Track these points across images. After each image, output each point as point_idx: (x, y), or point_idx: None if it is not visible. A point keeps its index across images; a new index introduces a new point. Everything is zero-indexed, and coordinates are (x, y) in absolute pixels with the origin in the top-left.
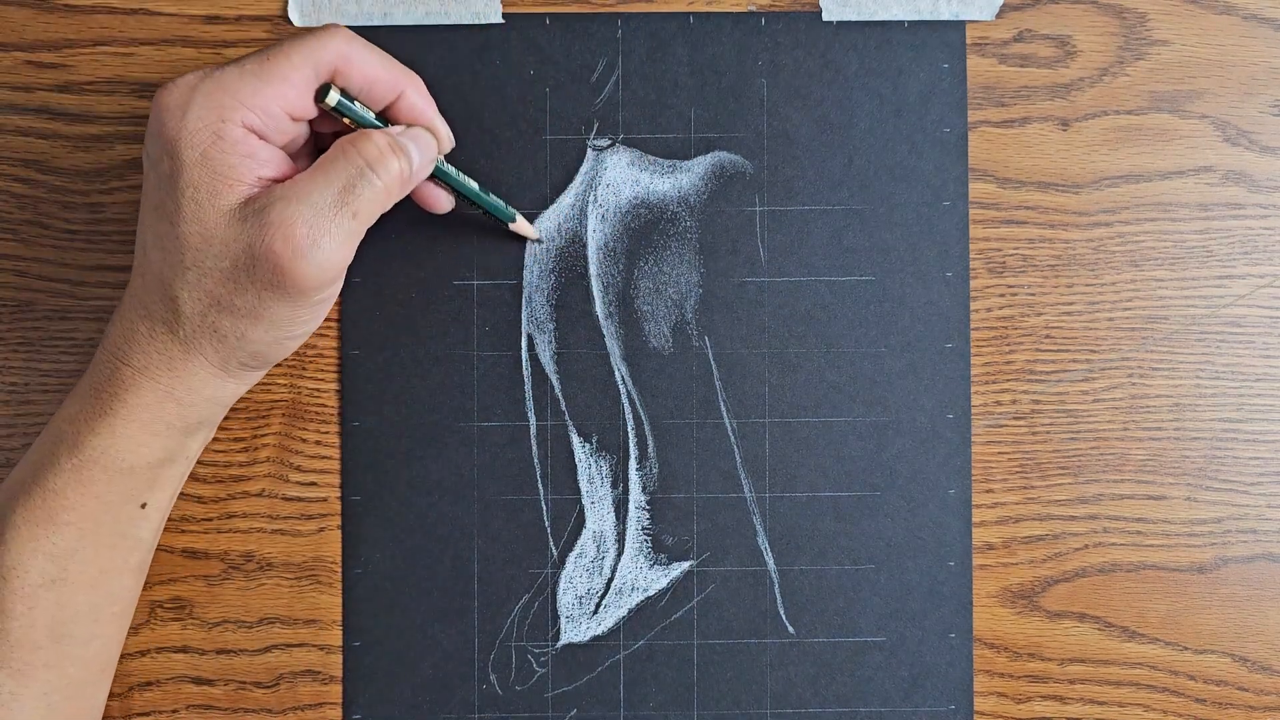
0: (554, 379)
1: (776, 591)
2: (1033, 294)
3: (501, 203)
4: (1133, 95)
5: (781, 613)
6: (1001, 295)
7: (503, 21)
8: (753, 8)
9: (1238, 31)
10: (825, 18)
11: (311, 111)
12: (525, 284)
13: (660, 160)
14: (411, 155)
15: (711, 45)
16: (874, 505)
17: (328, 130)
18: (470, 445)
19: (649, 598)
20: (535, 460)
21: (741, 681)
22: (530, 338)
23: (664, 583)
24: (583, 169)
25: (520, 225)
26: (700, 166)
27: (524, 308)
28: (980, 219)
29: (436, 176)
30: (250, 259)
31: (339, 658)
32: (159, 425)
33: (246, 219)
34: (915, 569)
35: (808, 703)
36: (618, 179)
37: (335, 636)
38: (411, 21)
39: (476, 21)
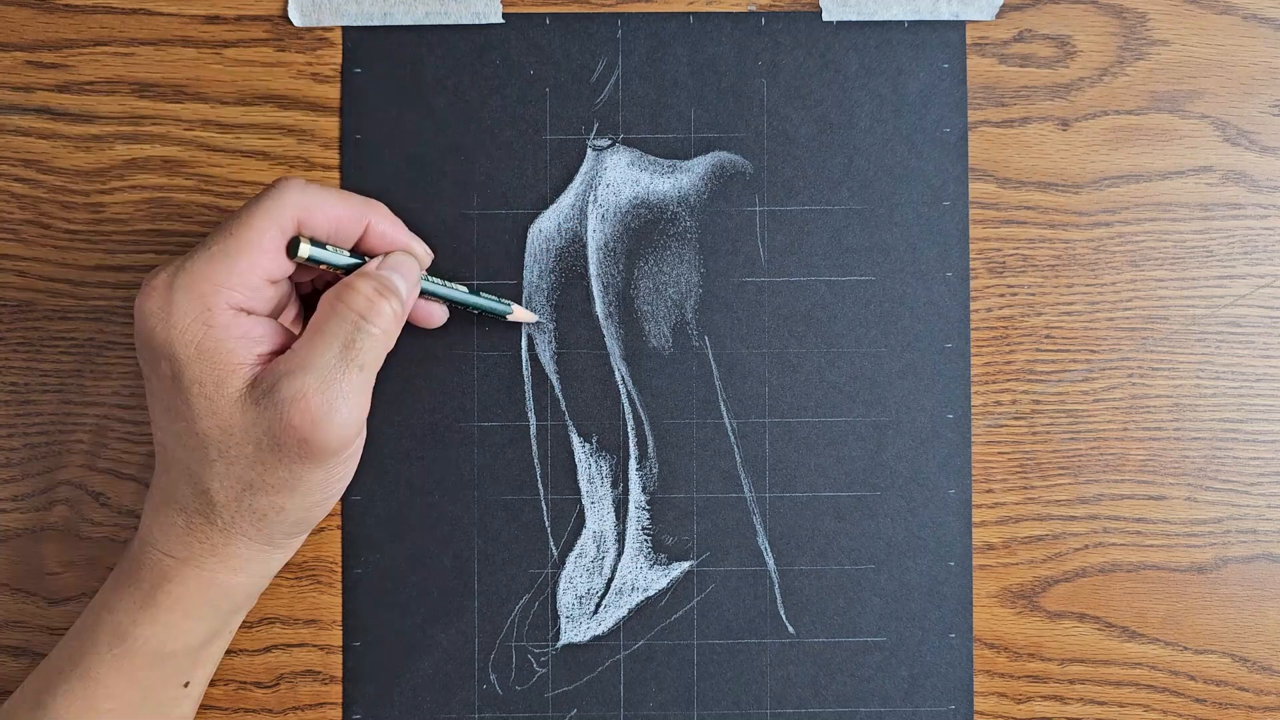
0: (554, 379)
1: (776, 591)
2: (1033, 294)
3: (494, 299)
4: (1133, 95)
5: (781, 613)
6: (1001, 295)
7: (503, 21)
8: (753, 8)
9: (1238, 31)
10: (825, 18)
11: (288, 269)
12: (525, 284)
13: (660, 160)
14: (399, 289)
15: (711, 45)
16: (874, 505)
17: (306, 278)
18: (470, 445)
19: (649, 598)
20: (535, 460)
21: (741, 681)
22: (530, 338)
23: (664, 583)
24: (583, 169)
25: (518, 313)
26: (700, 166)
27: (524, 308)
28: (980, 219)
29: (425, 293)
30: (272, 439)
31: (339, 658)
32: (205, 610)
33: (259, 401)
34: (915, 569)
35: (808, 703)
36: (618, 179)
37: (335, 636)
38: (411, 21)
39: (476, 21)
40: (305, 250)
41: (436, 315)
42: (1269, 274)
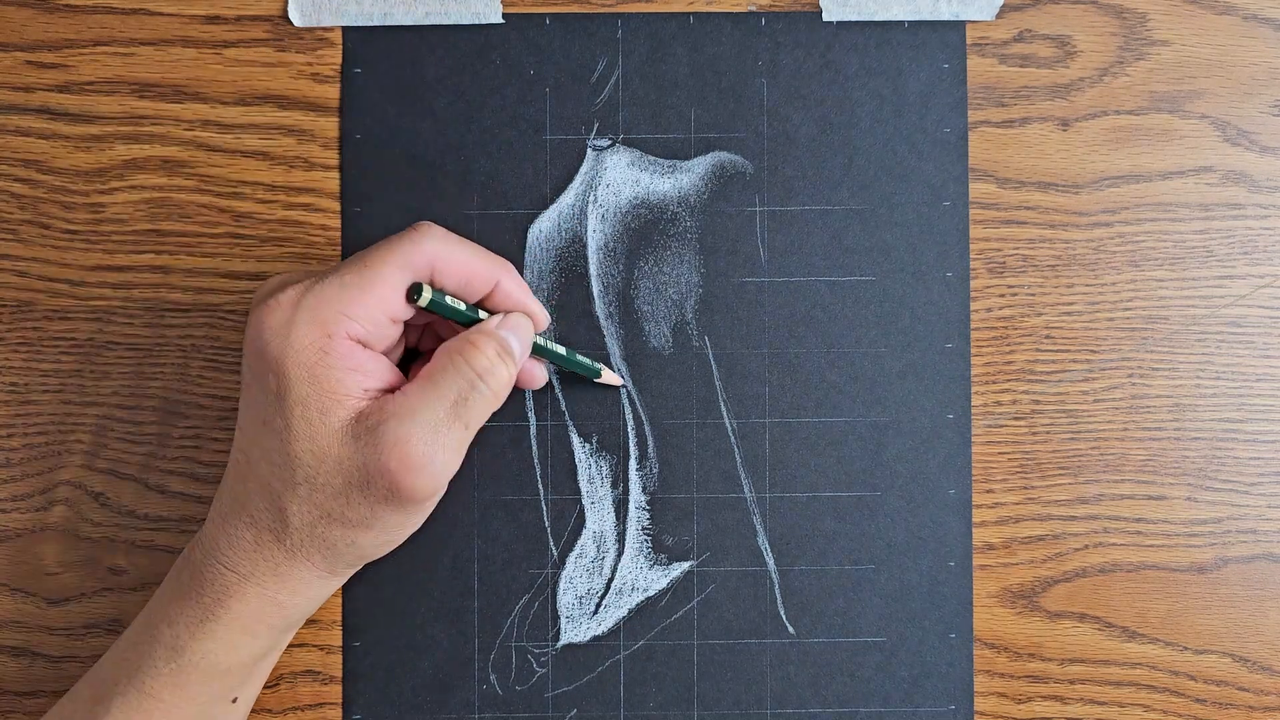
0: (554, 379)
1: (776, 592)
2: (1033, 294)
3: (588, 360)
4: (1133, 95)
5: (781, 613)
6: (1001, 295)
7: (503, 21)
8: (753, 8)
9: (1238, 31)
10: (825, 18)
11: (411, 312)
12: None
13: (660, 160)
14: (515, 352)
15: (711, 45)
16: (874, 505)
17: (418, 322)
18: (470, 445)
19: (649, 598)
20: (535, 460)
21: (741, 681)
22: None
23: (664, 583)
24: (583, 169)
25: (607, 376)
26: (700, 166)
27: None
28: (980, 219)
29: (533, 353)
30: (365, 477)
31: (339, 658)
32: (261, 628)
33: (359, 437)
34: (915, 569)
35: (808, 703)
36: (618, 179)
37: (335, 636)
38: (411, 21)
39: (476, 21)
40: (426, 297)
41: (538, 378)
42: (1269, 274)
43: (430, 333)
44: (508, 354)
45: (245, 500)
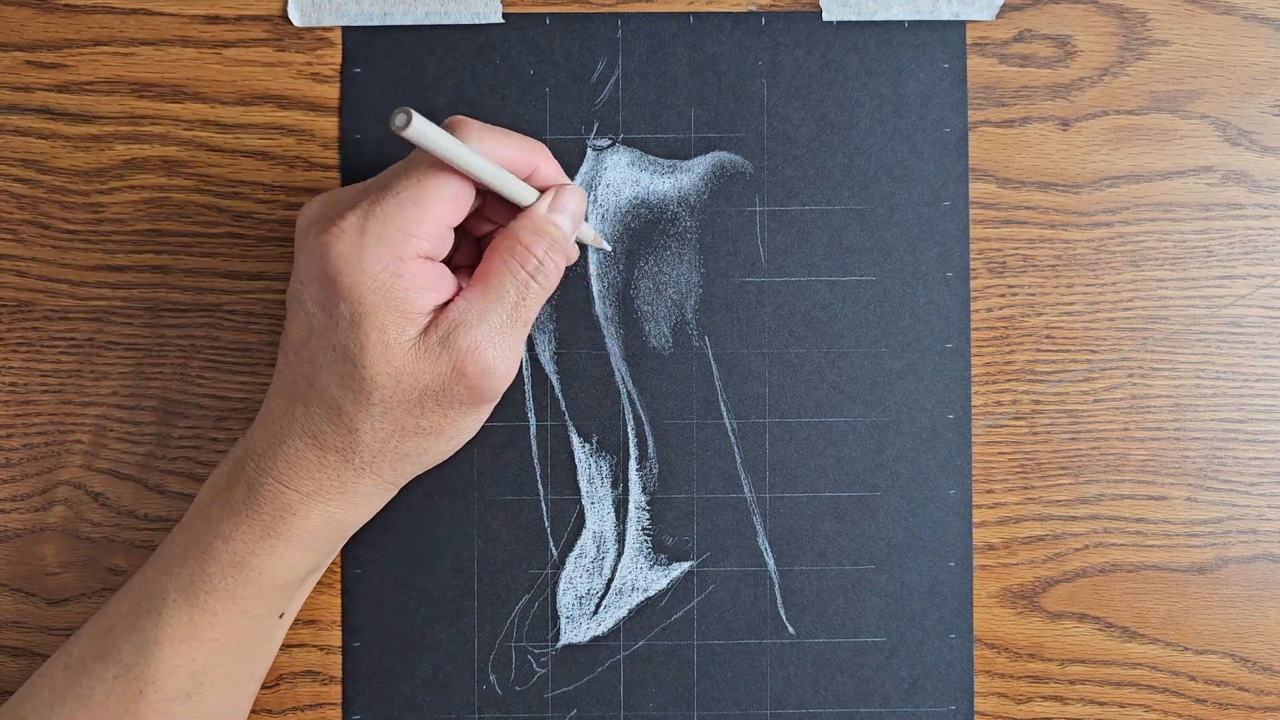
0: (554, 379)
1: (777, 592)
2: (1033, 294)
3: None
4: (1133, 95)
5: (782, 613)
6: (1002, 295)
7: (503, 21)
8: (753, 8)
9: (1238, 31)
10: (825, 18)
11: (466, 213)
12: None
13: (660, 160)
14: (566, 234)
15: (711, 45)
16: (874, 505)
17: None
18: (470, 445)
19: (649, 598)
20: (535, 460)
21: (741, 682)
22: (530, 338)
23: (664, 583)
24: (583, 169)
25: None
26: (700, 166)
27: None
28: (980, 219)
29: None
30: (441, 385)
31: (339, 658)
32: (320, 544)
33: (433, 349)
34: (915, 569)
35: (808, 703)
36: (618, 179)
37: (335, 637)
38: (411, 21)
39: (476, 21)
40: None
41: (573, 254)
42: (1269, 274)
43: (477, 215)
44: (556, 245)
45: (306, 421)
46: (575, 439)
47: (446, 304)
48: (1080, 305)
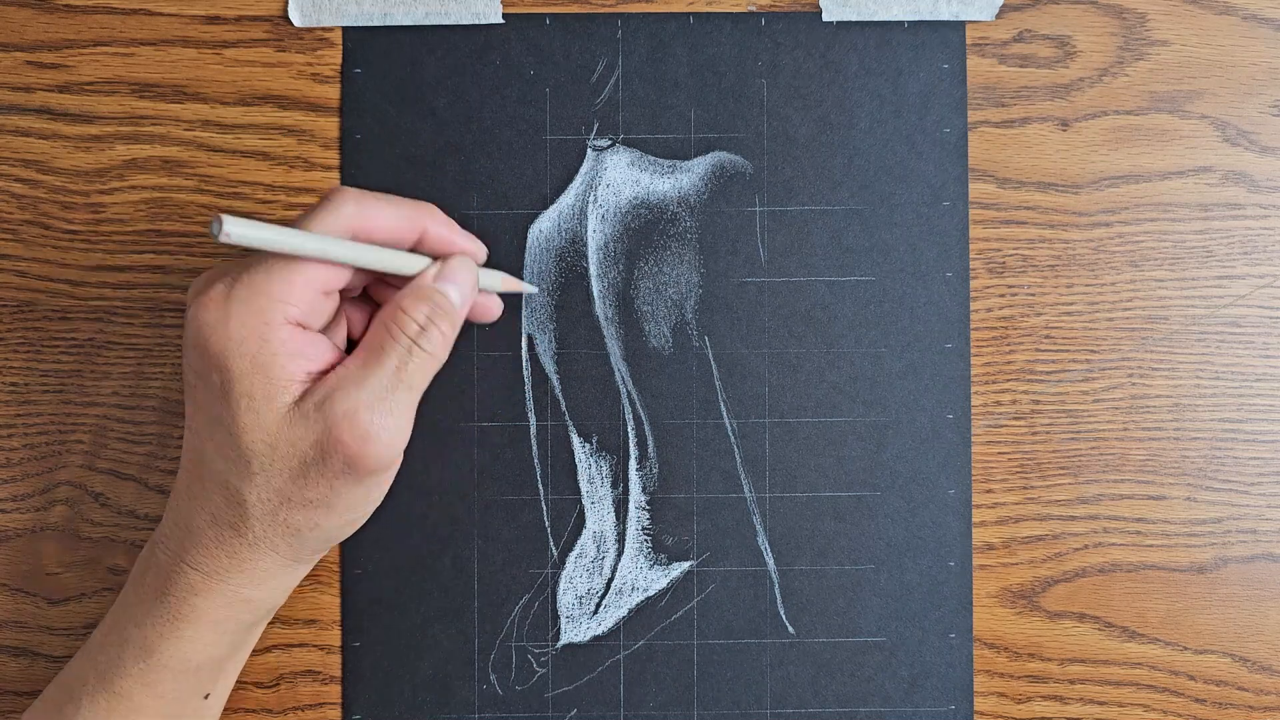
0: (554, 379)
1: (776, 591)
2: (1033, 294)
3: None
4: (1133, 95)
5: (781, 613)
6: (1001, 295)
7: (503, 21)
8: (753, 8)
9: (1238, 31)
10: (825, 18)
11: (342, 281)
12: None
13: (660, 160)
14: (453, 306)
15: (711, 45)
16: (874, 505)
17: (357, 284)
18: (470, 445)
19: (649, 598)
20: (535, 460)
21: (741, 681)
22: (530, 338)
23: (664, 583)
24: (583, 169)
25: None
26: (700, 166)
27: (524, 308)
28: (980, 219)
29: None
30: (319, 454)
31: (339, 658)
32: (229, 624)
33: (308, 416)
34: (915, 569)
35: (808, 703)
36: (618, 179)
37: (335, 636)
38: (411, 21)
39: (476, 21)
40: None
41: (493, 310)
42: (1269, 274)
43: (382, 284)
44: (442, 312)
45: (202, 497)
46: (575, 439)
47: (327, 373)
48: (1080, 305)
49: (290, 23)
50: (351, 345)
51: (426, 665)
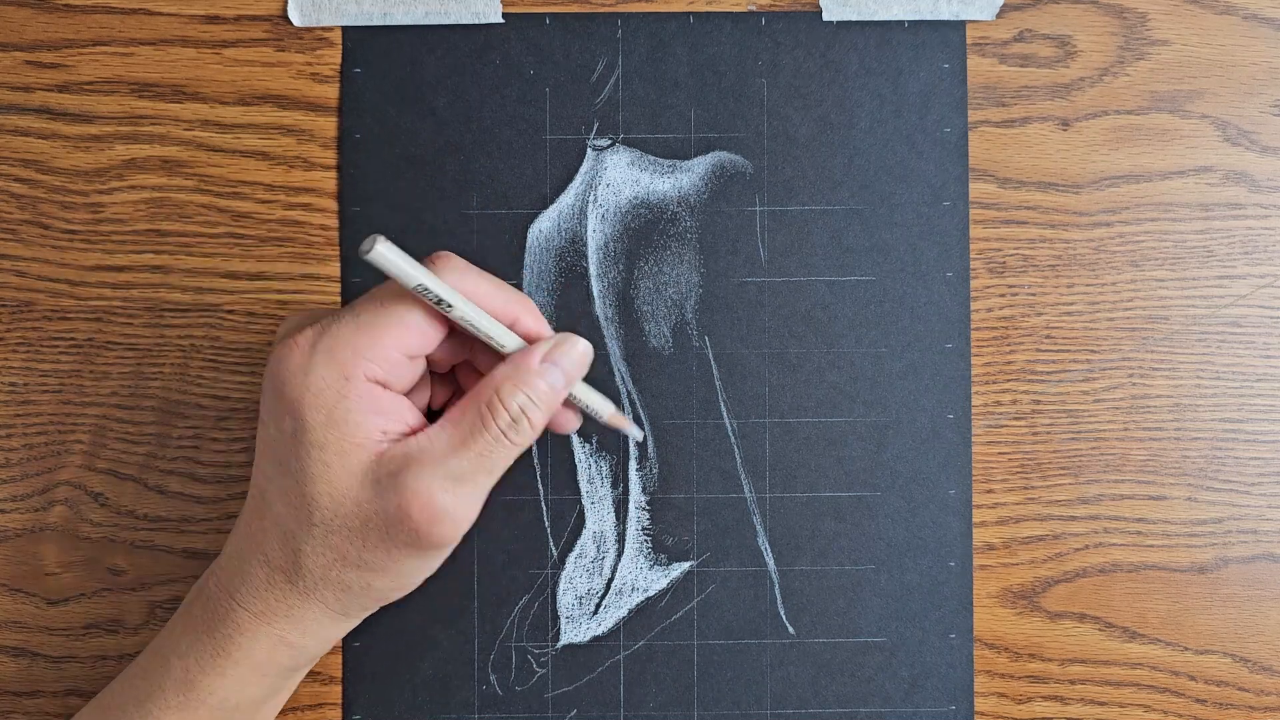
0: None
1: (776, 592)
2: (1033, 294)
3: (629, 422)
4: (1133, 95)
5: (781, 613)
6: (1002, 295)
7: (503, 21)
8: (753, 8)
9: (1238, 31)
10: (825, 18)
11: (430, 346)
12: (525, 284)
13: (660, 160)
14: (546, 401)
15: (711, 45)
16: (874, 505)
17: (445, 358)
18: None
19: (649, 598)
20: (535, 460)
21: (741, 682)
22: None
23: (664, 583)
24: (583, 169)
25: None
26: (700, 166)
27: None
28: (980, 219)
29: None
30: (384, 523)
31: (339, 658)
32: (271, 668)
33: (380, 482)
34: (916, 569)
35: (808, 703)
36: (618, 179)
37: None
38: (411, 21)
39: (476, 21)
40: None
41: (571, 424)
42: (1269, 274)
43: (467, 367)
44: (539, 400)
45: (260, 538)
46: (575, 439)
47: (405, 438)
48: (1080, 305)
49: (290, 22)
50: (433, 415)
51: (426, 665)
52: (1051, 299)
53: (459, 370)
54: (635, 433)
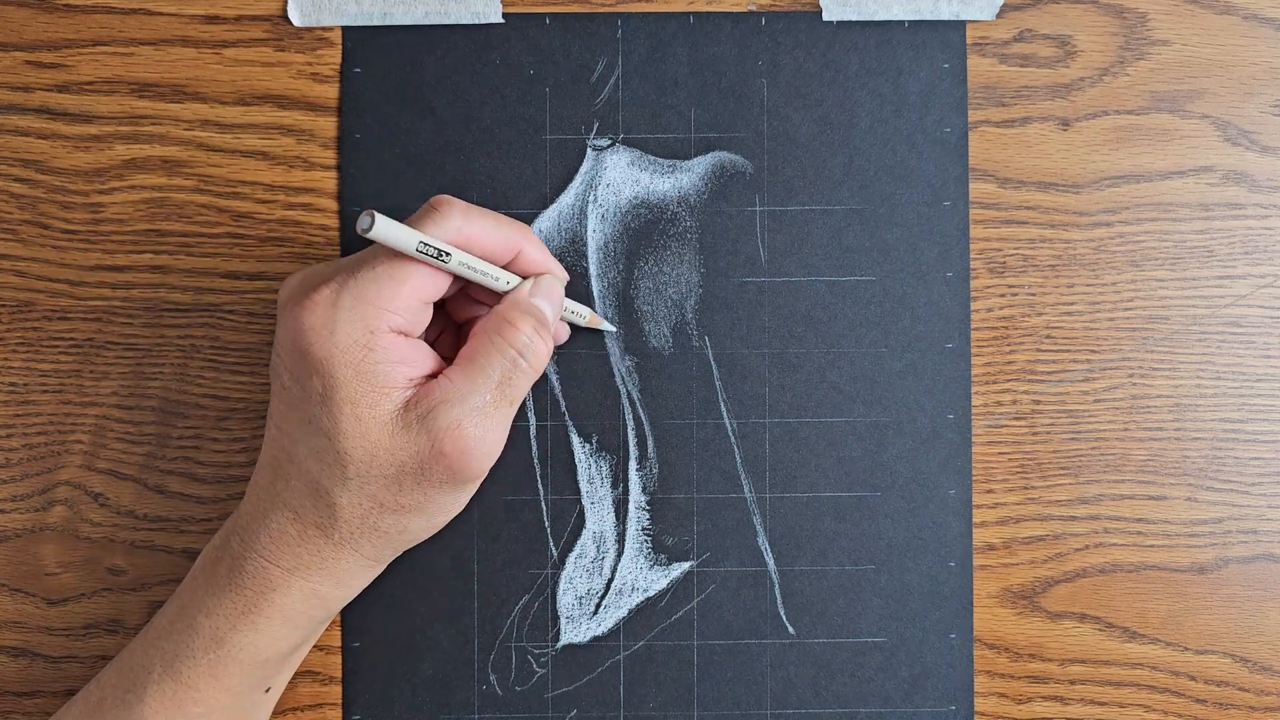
0: (554, 379)
1: (776, 592)
2: (1033, 294)
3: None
4: (1133, 95)
5: (781, 613)
6: (1002, 295)
7: (503, 21)
8: (753, 8)
9: (1238, 31)
10: (825, 18)
11: (443, 290)
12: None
13: (660, 160)
14: (549, 320)
15: (711, 45)
16: (874, 506)
17: (452, 293)
18: None
19: (649, 598)
20: (535, 460)
21: (741, 682)
22: None
23: (664, 583)
24: (583, 169)
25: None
26: (700, 166)
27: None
28: (980, 219)
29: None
30: (419, 463)
31: (339, 658)
32: (302, 620)
33: (410, 426)
34: (916, 569)
35: (808, 703)
36: (618, 179)
37: (335, 636)
38: (411, 21)
39: (476, 21)
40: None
41: (562, 334)
42: (1269, 274)
43: (462, 297)
44: (543, 325)
45: (287, 496)
46: (575, 439)
47: (428, 381)
48: (1080, 305)
49: (290, 22)
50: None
51: (426, 665)
52: (1051, 299)
53: (450, 304)
54: (608, 327)
